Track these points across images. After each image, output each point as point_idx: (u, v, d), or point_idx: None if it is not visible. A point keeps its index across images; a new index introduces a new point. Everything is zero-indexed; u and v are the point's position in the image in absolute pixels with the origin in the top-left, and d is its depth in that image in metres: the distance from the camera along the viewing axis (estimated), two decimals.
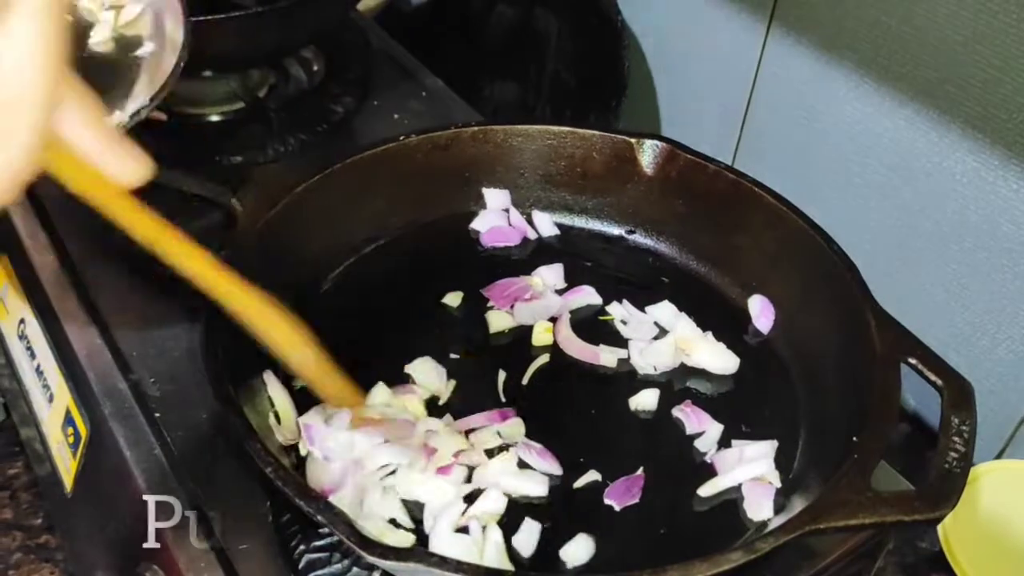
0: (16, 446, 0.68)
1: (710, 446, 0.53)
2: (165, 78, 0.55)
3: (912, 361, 0.49)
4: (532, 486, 0.50)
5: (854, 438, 0.46)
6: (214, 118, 0.79)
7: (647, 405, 0.55)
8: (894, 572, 0.62)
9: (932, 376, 0.49)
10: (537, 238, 0.67)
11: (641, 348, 0.58)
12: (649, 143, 0.63)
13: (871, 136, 0.71)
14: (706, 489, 0.51)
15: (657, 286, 0.63)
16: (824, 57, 0.72)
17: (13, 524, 0.64)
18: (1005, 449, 0.69)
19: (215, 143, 0.77)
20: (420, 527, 0.48)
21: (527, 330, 0.60)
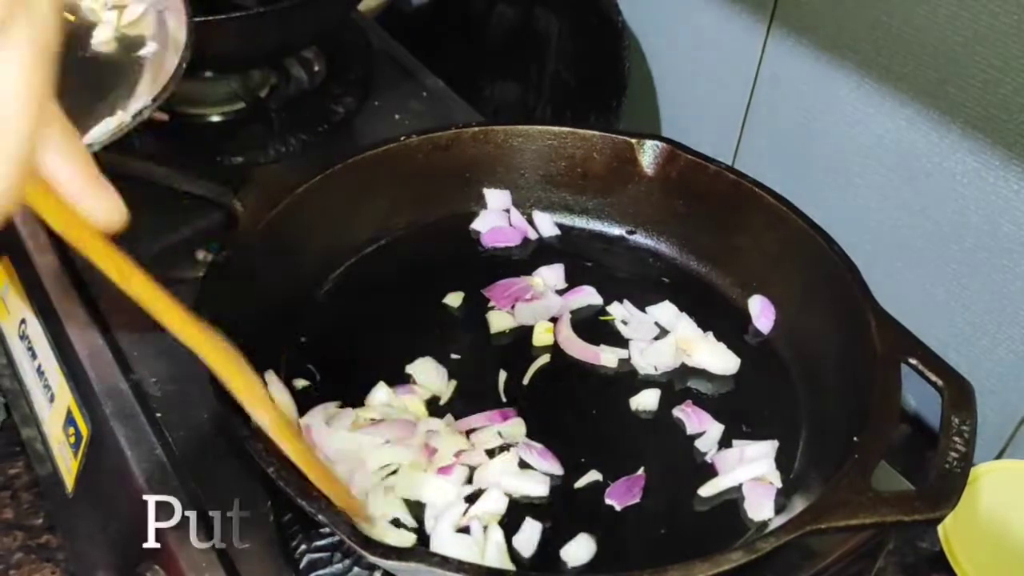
0: (17, 446, 0.68)
1: (711, 446, 0.53)
2: (168, 78, 0.55)
3: (912, 361, 0.49)
4: (533, 486, 0.50)
5: (855, 438, 0.46)
6: (215, 118, 0.80)
7: (648, 405, 0.55)
8: (894, 572, 0.62)
9: (932, 376, 0.49)
10: (538, 238, 0.67)
11: (642, 348, 0.58)
12: (650, 143, 0.63)
13: (872, 136, 0.71)
14: (707, 489, 0.51)
15: (658, 286, 0.63)
16: (825, 57, 0.72)
17: (14, 524, 0.64)
18: (1005, 449, 0.69)
19: (216, 143, 0.77)
20: (422, 527, 0.48)
21: (528, 330, 0.60)
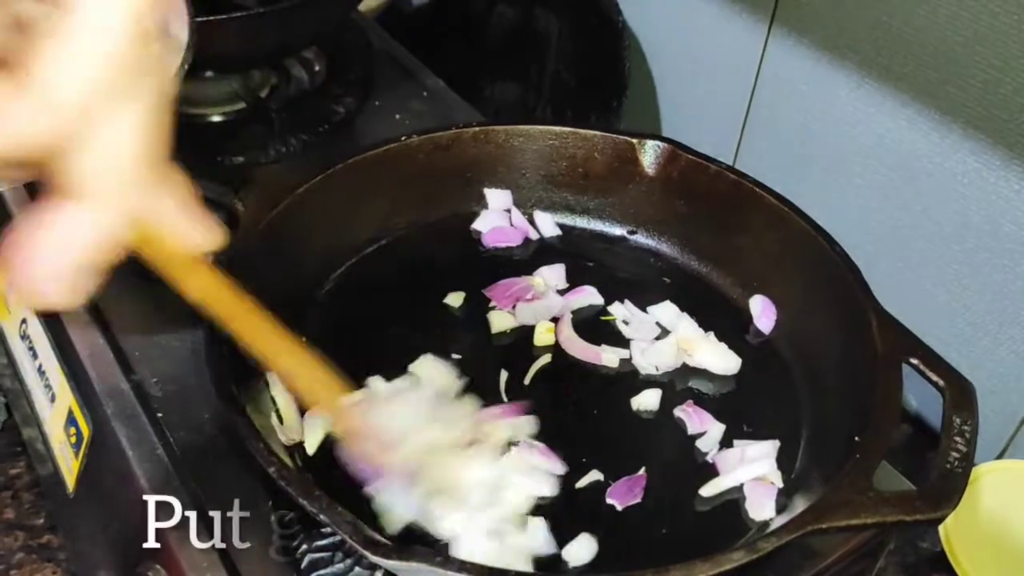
0: (18, 446, 0.68)
1: (712, 446, 0.53)
2: (169, 78, 0.55)
3: (914, 361, 0.49)
4: (541, 486, 0.50)
5: (856, 438, 0.46)
6: (216, 118, 0.79)
7: (649, 405, 0.55)
8: (895, 572, 0.62)
9: (934, 376, 0.49)
10: (539, 238, 0.67)
11: (643, 348, 0.58)
12: (651, 143, 0.63)
13: (872, 136, 0.71)
14: (708, 489, 0.51)
15: (659, 286, 0.63)
16: (825, 58, 0.72)
17: (15, 524, 0.64)
18: (1006, 449, 0.69)
19: (217, 143, 0.77)
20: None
21: (529, 330, 0.60)
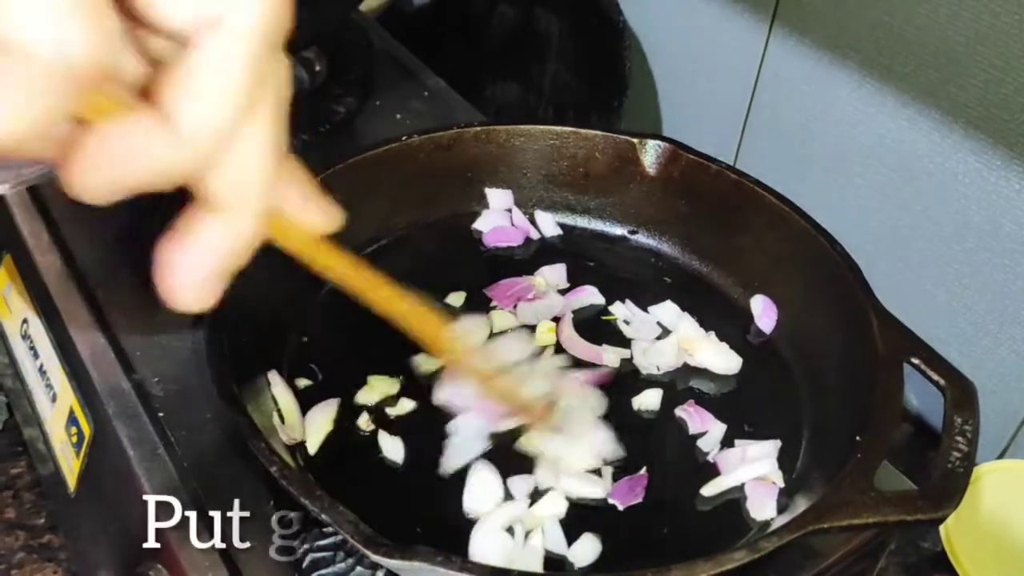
0: (19, 446, 0.68)
1: (713, 446, 0.53)
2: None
3: (915, 361, 0.49)
4: (591, 488, 0.50)
5: (857, 438, 0.46)
6: None
7: (650, 405, 0.55)
8: (896, 572, 0.62)
9: (935, 376, 0.49)
10: (540, 238, 0.67)
11: (644, 348, 0.58)
12: (651, 143, 0.63)
13: (873, 136, 0.71)
14: (709, 489, 0.51)
15: (660, 286, 0.63)
16: (826, 58, 0.72)
17: (16, 524, 0.64)
18: (1007, 449, 0.69)
19: None
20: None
21: (530, 330, 0.60)
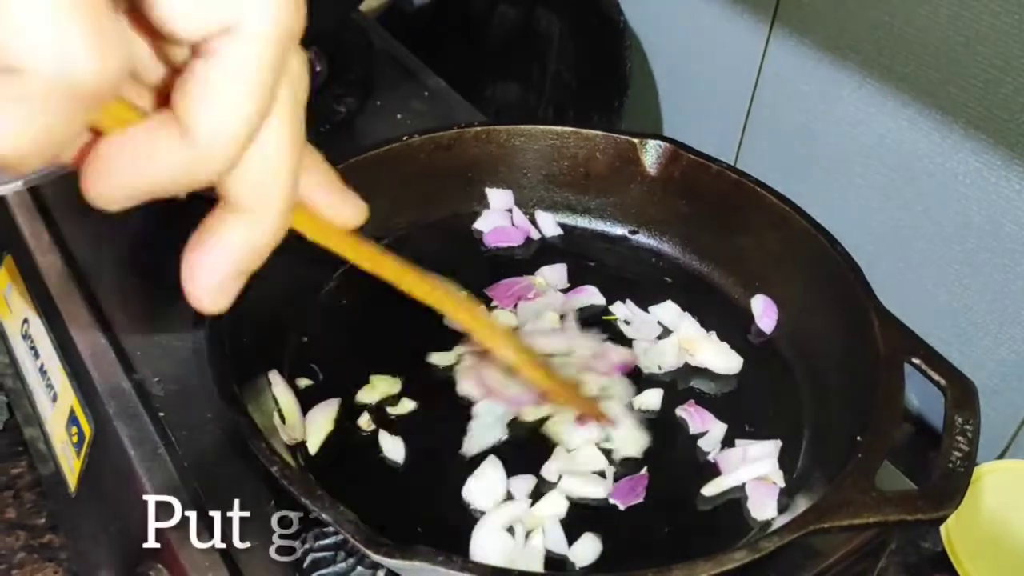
0: (20, 446, 0.68)
1: (714, 446, 0.53)
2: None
3: (916, 361, 0.49)
4: (592, 488, 0.50)
5: (858, 438, 0.46)
6: None
7: (651, 405, 0.55)
8: (897, 572, 0.62)
9: (936, 376, 0.49)
10: (540, 238, 0.67)
11: (645, 348, 0.58)
12: (652, 143, 0.63)
13: (873, 136, 0.71)
14: (710, 488, 0.51)
15: (660, 286, 0.63)
16: (826, 58, 0.72)
17: (16, 524, 0.64)
18: (1008, 449, 0.69)
19: None
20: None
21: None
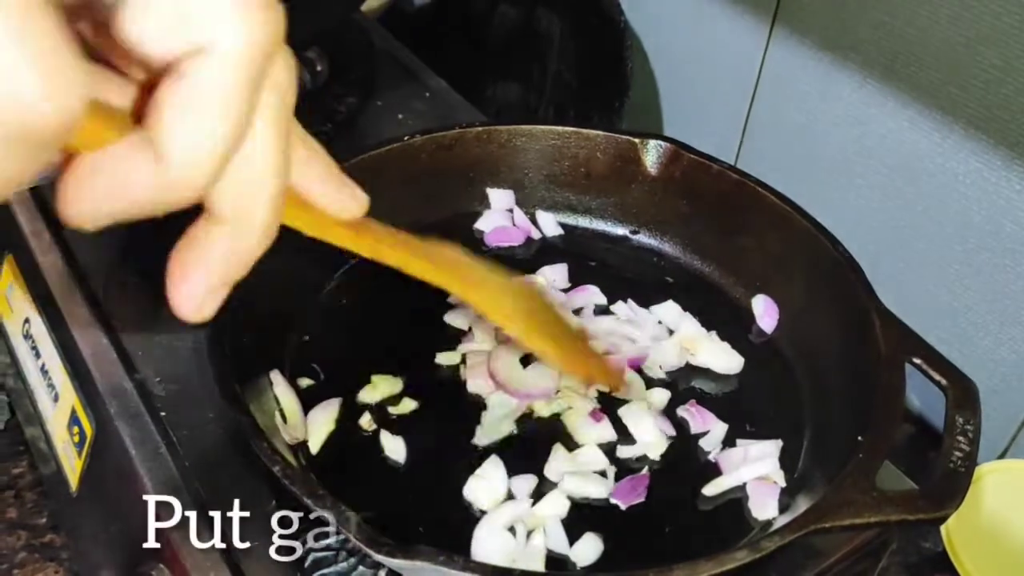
0: (21, 445, 0.68)
1: (715, 445, 0.53)
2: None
3: (916, 361, 0.49)
4: (594, 488, 0.50)
5: (859, 437, 0.46)
6: None
7: (658, 405, 0.55)
8: (897, 572, 0.62)
9: (937, 376, 0.49)
10: (541, 238, 0.67)
11: (646, 348, 0.58)
12: (653, 143, 0.63)
13: (874, 137, 0.71)
14: (711, 488, 0.51)
15: (661, 286, 0.63)
16: (827, 58, 0.72)
17: (18, 523, 0.64)
18: (1008, 449, 0.69)
19: None
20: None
21: None
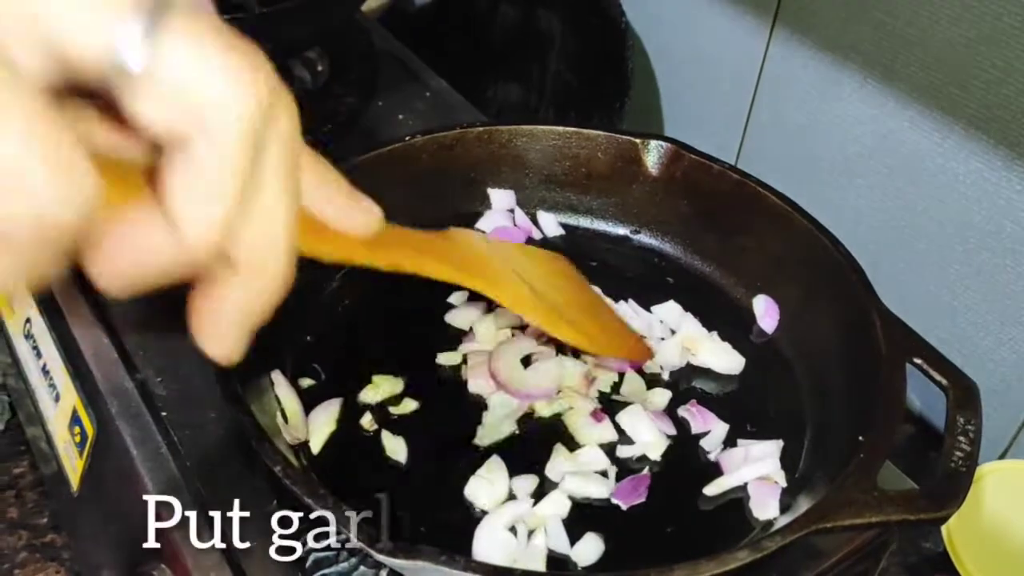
0: (22, 445, 0.68)
1: (716, 446, 0.53)
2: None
3: (917, 361, 0.49)
4: (595, 488, 0.50)
5: (860, 438, 0.46)
6: None
7: (658, 405, 0.55)
8: (898, 572, 0.62)
9: (938, 376, 0.49)
10: (542, 238, 0.67)
11: None
12: (654, 143, 0.64)
13: (875, 137, 0.71)
14: (712, 488, 0.51)
15: (662, 286, 0.63)
16: (828, 58, 0.72)
17: (18, 523, 0.64)
18: (1009, 449, 0.69)
19: None
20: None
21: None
